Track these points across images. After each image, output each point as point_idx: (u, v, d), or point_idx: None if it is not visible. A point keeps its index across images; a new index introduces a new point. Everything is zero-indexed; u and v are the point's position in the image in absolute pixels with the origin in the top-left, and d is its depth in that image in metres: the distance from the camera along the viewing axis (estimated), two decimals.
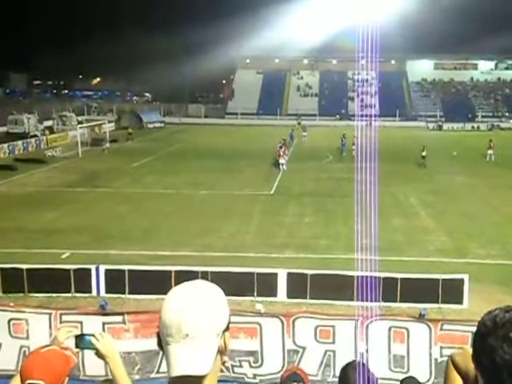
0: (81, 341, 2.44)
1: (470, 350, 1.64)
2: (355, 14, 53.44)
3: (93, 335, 2.42)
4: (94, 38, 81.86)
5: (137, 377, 8.21)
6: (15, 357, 7.99)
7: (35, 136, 46.77)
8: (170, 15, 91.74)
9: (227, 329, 1.68)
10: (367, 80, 74.19)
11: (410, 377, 5.80)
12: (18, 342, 8.08)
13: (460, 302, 12.21)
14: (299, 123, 61.92)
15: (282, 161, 33.31)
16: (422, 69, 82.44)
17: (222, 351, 1.67)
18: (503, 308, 1.58)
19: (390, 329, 7.85)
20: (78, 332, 2.55)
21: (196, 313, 1.59)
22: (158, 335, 1.67)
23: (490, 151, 37.74)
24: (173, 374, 1.57)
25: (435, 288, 12.12)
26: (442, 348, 7.63)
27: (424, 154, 34.62)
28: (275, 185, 28.69)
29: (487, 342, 1.52)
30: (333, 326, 8.01)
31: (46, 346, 2.52)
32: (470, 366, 1.88)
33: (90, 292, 13.39)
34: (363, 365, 3.18)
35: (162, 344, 1.65)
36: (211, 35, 73.53)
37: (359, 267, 12.31)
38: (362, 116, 62.41)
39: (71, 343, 2.52)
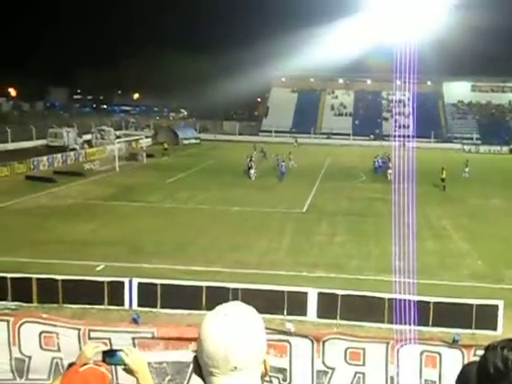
0: (111, 357, 2.39)
1: None
2: (391, 35, 53.49)
3: (121, 350, 2.36)
4: (135, 56, 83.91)
5: None
6: (47, 367, 8.09)
7: (74, 149, 47.77)
8: (209, 36, 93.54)
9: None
10: (402, 100, 73.71)
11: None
12: (49, 354, 8.15)
13: (494, 328, 11.99)
14: (296, 141, 62.33)
15: (252, 171, 37.36)
16: (458, 90, 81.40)
17: (262, 376, 1.68)
18: (509, 345, 1.44)
19: (422, 353, 7.77)
20: (106, 347, 2.53)
21: (244, 345, 1.58)
22: (196, 360, 1.64)
23: None
24: None
25: (469, 313, 11.95)
26: None
27: (443, 176, 33.66)
28: (307, 203, 28.69)
29: None
30: (363, 349, 7.97)
31: (84, 364, 2.52)
32: None
33: (123, 305, 13.61)
34: None
35: (200, 371, 1.63)
36: (248, 55, 74.47)
37: (392, 289, 12.22)
38: (396, 137, 61.90)
39: (98, 359, 2.50)
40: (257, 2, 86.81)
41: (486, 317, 11.99)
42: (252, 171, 37.33)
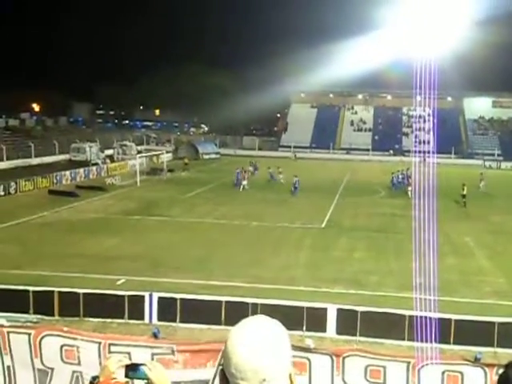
0: (134, 371, 2.37)
1: None
2: (412, 50, 53.44)
3: (145, 365, 2.31)
4: (157, 72, 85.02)
5: None
6: (68, 381, 8.15)
7: (96, 164, 48.45)
8: (229, 52, 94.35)
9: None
10: (422, 116, 73.42)
11: None
12: (70, 367, 8.21)
13: None
14: (295, 156, 63.27)
15: (244, 182, 38.87)
16: (479, 106, 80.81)
17: None
18: None
19: (443, 372, 7.68)
20: (128, 361, 2.51)
21: (272, 356, 1.61)
22: (223, 373, 1.67)
23: None
24: None
25: (491, 331, 11.79)
26: None
27: (464, 192, 33.08)
28: (326, 218, 28.62)
29: None
30: (384, 367, 7.91)
31: (113, 378, 2.52)
32: None
33: (143, 319, 13.70)
34: None
35: (227, 382, 1.66)
36: (268, 70, 74.82)
37: (413, 306, 12.13)
38: (416, 152, 61.66)
39: (121, 373, 2.47)
40: (277, 17, 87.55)
41: (508, 335, 11.82)
42: (244, 182, 38.75)
